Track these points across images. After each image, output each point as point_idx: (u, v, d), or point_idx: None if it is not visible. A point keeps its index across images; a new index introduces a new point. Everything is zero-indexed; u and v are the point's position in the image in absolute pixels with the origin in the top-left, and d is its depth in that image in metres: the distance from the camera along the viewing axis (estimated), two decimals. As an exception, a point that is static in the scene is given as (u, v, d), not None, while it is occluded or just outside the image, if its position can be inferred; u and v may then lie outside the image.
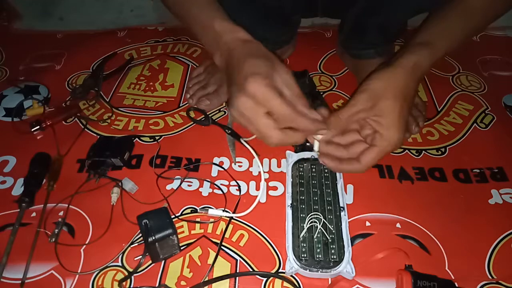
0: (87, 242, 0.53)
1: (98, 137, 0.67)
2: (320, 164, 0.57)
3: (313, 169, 0.57)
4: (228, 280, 0.49)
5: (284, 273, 0.49)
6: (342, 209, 0.53)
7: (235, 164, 0.62)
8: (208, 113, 0.70)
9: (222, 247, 0.52)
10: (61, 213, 0.56)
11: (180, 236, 0.53)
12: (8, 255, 0.51)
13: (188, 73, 0.81)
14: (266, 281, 0.49)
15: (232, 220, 0.55)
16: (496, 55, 0.85)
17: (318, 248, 0.49)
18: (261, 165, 0.60)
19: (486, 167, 0.62)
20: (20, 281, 0.49)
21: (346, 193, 0.58)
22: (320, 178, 0.56)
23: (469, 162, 0.63)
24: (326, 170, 0.57)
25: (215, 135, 0.67)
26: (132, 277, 0.49)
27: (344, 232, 0.50)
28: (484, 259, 0.51)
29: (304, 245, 0.49)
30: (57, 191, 0.58)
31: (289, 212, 0.53)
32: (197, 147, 0.65)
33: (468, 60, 0.83)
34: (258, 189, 0.59)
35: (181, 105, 0.74)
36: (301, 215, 0.52)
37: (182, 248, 0.52)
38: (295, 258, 0.48)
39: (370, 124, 0.50)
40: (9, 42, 0.93)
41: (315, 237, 0.50)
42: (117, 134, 0.67)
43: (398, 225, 0.54)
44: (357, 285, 0.49)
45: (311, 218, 0.51)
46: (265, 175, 0.59)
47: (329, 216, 0.52)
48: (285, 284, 0.49)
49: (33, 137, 0.67)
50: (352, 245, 0.51)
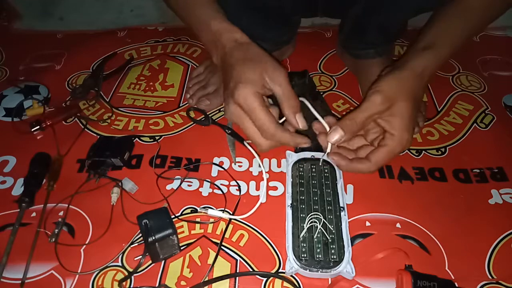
0: (87, 242, 0.53)
1: (98, 137, 0.67)
2: (320, 164, 0.58)
3: (313, 169, 0.57)
4: (228, 280, 0.49)
5: (284, 273, 0.49)
6: (342, 209, 0.53)
7: (235, 164, 0.62)
8: (208, 113, 0.70)
9: (222, 247, 0.52)
10: (61, 213, 0.56)
11: (180, 236, 0.53)
12: (8, 255, 0.51)
13: (188, 73, 0.81)
14: (266, 281, 0.49)
15: (232, 220, 0.55)
16: (496, 55, 0.85)
17: (318, 248, 0.49)
18: (261, 163, 0.60)
19: (486, 167, 0.62)
20: (20, 281, 0.49)
21: (346, 193, 0.58)
22: (320, 178, 0.56)
23: (469, 162, 0.63)
24: (326, 170, 0.57)
25: (215, 135, 0.67)
26: (132, 277, 0.49)
27: (344, 232, 0.50)
28: (484, 259, 0.51)
29: (304, 245, 0.49)
30: (57, 191, 0.58)
31: (289, 212, 0.53)
32: (197, 147, 0.65)
33: (468, 60, 0.83)
34: (258, 189, 0.59)
35: (181, 105, 0.74)
36: (301, 215, 0.52)
37: (182, 248, 0.52)
38: (295, 258, 0.48)
39: (380, 125, 0.50)
40: (9, 42, 0.93)
41: (315, 237, 0.50)
42: (117, 134, 0.67)
43: (398, 225, 0.54)
44: (357, 285, 0.49)
45: (311, 218, 0.51)
46: (266, 175, 0.59)
47: (329, 216, 0.52)
48: (285, 284, 0.49)
49: (33, 137, 0.67)
50: (352, 245, 0.51)
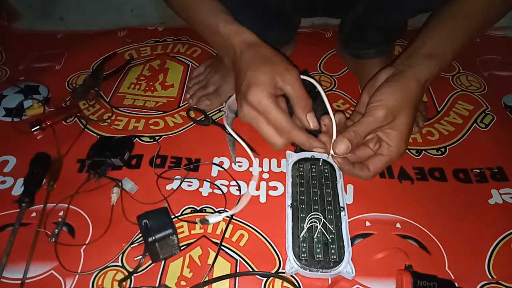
0: (87, 242, 0.53)
1: (98, 137, 0.67)
2: (320, 164, 0.58)
3: (313, 169, 0.57)
4: (228, 280, 0.49)
5: (284, 273, 0.49)
6: (342, 209, 0.53)
7: (235, 164, 0.62)
8: (208, 113, 0.70)
9: (222, 247, 0.52)
10: (61, 213, 0.56)
11: (180, 236, 0.53)
12: (8, 255, 0.51)
13: (188, 73, 0.81)
14: (266, 281, 0.49)
15: (232, 220, 0.55)
16: (496, 55, 0.85)
17: (318, 248, 0.49)
18: (249, 150, 0.60)
19: (486, 167, 0.62)
20: (20, 281, 0.49)
21: (346, 193, 0.58)
22: (320, 178, 0.56)
23: (469, 162, 0.63)
24: (326, 170, 0.57)
25: (215, 135, 0.67)
26: (132, 277, 0.49)
27: (344, 232, 0.50)
28: (484, 259, 0.51)
29: (304, 245, 0.49)
30: (57, 191, 0.58)
31: (289, 212, 0.53)
32: (197, 147, 0.65)
33: (468, 60, 0.83)
34: (258, 189, 0.59)
35: (181, 105, 0.74)
36: (301, 215, 0.52)
37: (182, 248, 0.52)
38: (295, 258, 0.48)
39: (378, 135, 0.51)
40: (9, 42, 0.93)
41: (315, 237, 0.50)
42: (117, 134, 0.67)
43: (398, 225, 0.54)
44: (357, 285, 0.49)
45: (311, 218, 0.51)
46: (258, 168, 0.60)
47: (329, 216, 0.52)
48: (285, 284, 0.49)
49: (33, 137, 0.67)
50: (352, 245, 0.51)
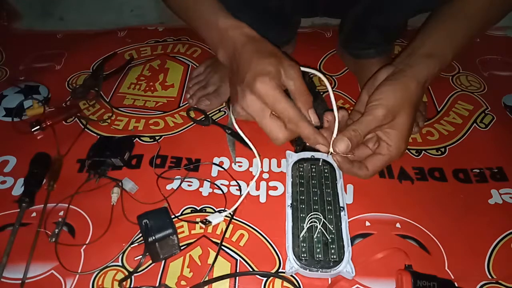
0: (87, 242, 0.53)
1: (98, 137, 0.67)
2: (320, 164, 0.58)
3: (313, 169, 0.57)
4: (228, 280, 0.49)
5: (284, 273, 0.49)
6: (342, 209, 0.53)
7: (235, 164, 0.62)
8: (208, 113, 0.70)
9: (222, 247, 0.52)
10: (61, 213, 0.56)
11: (180, 236, 0.53)
12: (8, 255, 0.51)
13: (188, 73, 0.81)
14: (266, 281, 0.49)
15: (233, 220, 0.55)
16: (496, 55, 0.85)
17: (318, 248, 0.49)
18: (254, 148, 0.59)
19: (486, 167, 0.62)
20: (20, 281, 0.49)
21: (346, 193, 0.58)
22: (320, 178, 0.56)
23: (469, 162, 0.63)
24: (326, 170, 0.57)
25: (215, 135, 0.67)
26: (132, 277, 0.49)
27: (344, 232, 0.50)
28: (484, 259, 0.51)
29: (304, 245, 0.49)
30: (57, 191, 0.58)
31: (289, 212, 0.53)
32: (197, 147, 0.65)
33: (468, 60, 0.83)
34: (258, 189, 0.59)
35: (181, 105, 0.74)
36: (301, 215, 0.52)
37: (182, 248, 0.52)
38: (295, 258, 0.48)
39: (378, 135, 0.51)
40: (9, 42, 0.93)
41: (315, 237, 0.50)
42: (117, 134, 0.67)
43: (398, 225, 0.54)
44: (357, 285, 0.49)
45: (311, 218, 0.51)
46: (258, 162, 0.59)
47: (329, 216, 0.52)
48: (285, 284, 0.49)
49: (33, 137, 0.67)
50: (352, 245, 0.51)
